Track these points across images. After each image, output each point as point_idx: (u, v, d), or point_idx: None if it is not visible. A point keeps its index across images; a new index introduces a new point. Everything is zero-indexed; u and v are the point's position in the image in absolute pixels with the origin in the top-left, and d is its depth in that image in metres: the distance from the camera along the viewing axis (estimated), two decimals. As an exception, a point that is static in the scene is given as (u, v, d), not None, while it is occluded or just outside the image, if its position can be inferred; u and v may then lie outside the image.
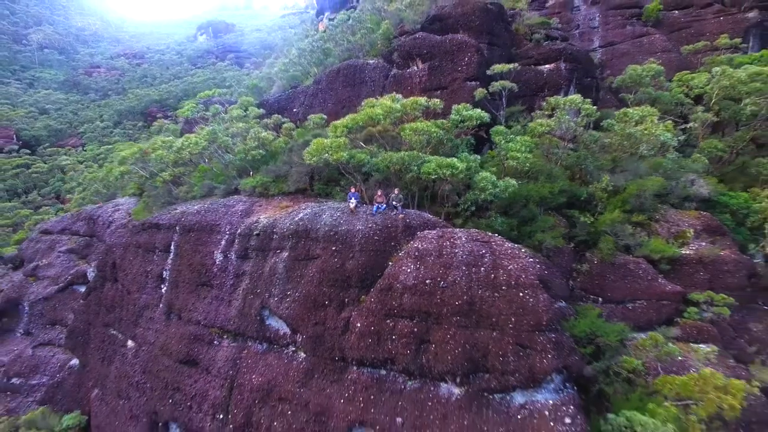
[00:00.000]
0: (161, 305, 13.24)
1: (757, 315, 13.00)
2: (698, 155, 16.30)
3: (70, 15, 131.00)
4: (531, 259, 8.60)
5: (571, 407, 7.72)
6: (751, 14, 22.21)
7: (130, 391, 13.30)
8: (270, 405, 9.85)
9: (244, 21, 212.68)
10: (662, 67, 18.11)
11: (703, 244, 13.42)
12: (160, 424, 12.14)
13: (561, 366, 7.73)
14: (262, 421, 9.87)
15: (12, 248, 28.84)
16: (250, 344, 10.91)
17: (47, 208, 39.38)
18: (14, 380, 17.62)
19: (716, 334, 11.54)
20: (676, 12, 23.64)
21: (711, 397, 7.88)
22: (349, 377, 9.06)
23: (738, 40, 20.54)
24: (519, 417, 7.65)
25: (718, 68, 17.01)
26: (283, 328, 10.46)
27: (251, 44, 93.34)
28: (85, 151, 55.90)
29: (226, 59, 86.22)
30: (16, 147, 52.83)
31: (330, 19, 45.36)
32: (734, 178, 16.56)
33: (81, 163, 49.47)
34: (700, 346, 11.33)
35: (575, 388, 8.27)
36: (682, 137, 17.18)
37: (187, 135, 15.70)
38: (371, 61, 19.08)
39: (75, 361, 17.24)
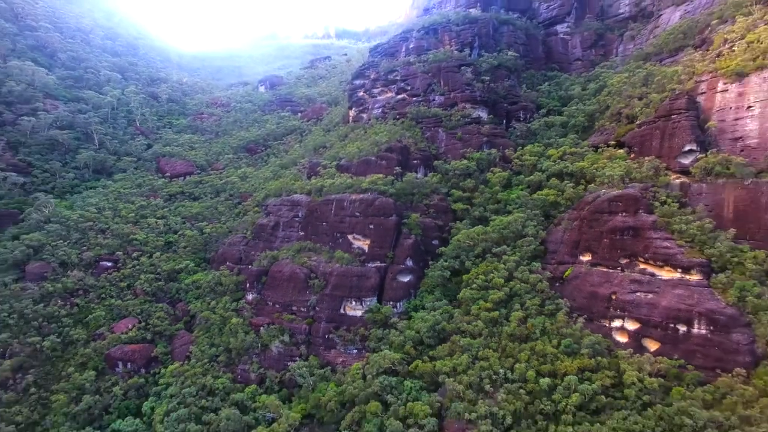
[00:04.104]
0: (331, 215, 70.92)
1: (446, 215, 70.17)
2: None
3: (155, 64, 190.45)
4: (391, 200, 66.09)
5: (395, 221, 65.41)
6: (485, 138, 78.95)
7: (328, 230, 71.15)
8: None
9: (275, 52, 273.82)
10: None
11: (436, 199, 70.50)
12: (335, 234, 69.92)
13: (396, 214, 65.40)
14: (355, 228, 67.92)
15: (252, 212, 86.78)
16: (352, 218, 69.01)
17: (237, 203, 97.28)
18: (279, 236, 75.61)
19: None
20: (467, 135, 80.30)
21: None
22: (369, 219, 67.22)
23: (475, 152, 77.20)
24: (390, 220, 65.61)
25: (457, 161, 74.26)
26: (358, 214, 68.48)
27: (300, 96, 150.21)
28: (228, 173, 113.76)
29: (285, 109, 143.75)
30: (198, 172, 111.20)
31: (356, 112, 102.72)
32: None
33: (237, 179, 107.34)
34: (430, 218, 68.65)
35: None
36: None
37: (333, 179, 73.04)
38: (372, 158, 76.60)
39: (302, 233, 75.08)
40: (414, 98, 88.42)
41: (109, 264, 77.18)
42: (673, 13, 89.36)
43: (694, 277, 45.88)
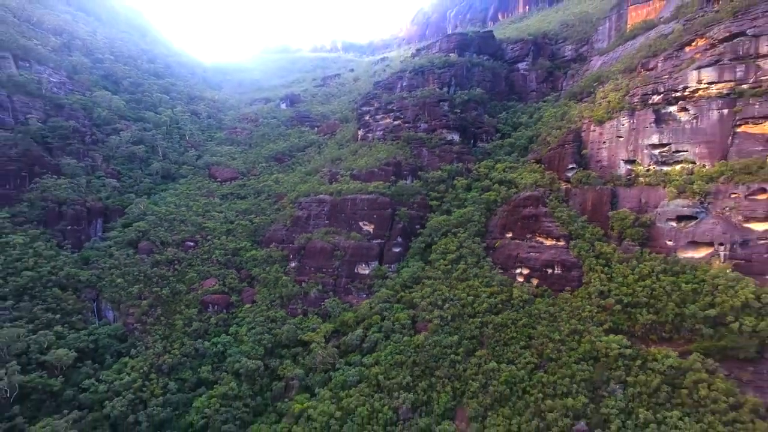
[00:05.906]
0: (348, 209, 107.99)
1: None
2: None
3: (188, 81, 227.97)
4: (388, 199, 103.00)
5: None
6: (455, 155, 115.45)
7: (345, 219, 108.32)
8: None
9: (288, 65, 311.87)
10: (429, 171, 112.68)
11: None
12: (350, 221, 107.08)
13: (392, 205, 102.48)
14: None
15: (288, 207, 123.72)
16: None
17: (274, 201, 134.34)
18: (311, 224, 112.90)
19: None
20: (442, 153, 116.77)
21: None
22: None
23: (447, 166, 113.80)
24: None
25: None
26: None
27: (316, 113, 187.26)
28: (264, 178, 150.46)
29: (304, 124, 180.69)
30: (241, 177, 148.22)
31: (363, 132, 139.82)
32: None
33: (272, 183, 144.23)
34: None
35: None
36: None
37: (348, 184, 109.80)
38: (375, 169, 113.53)
39: (327, 221, 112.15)
40: (406, 124, 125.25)
41: (192, 243, 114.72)
42: (597, 60, 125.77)
43: (561, 243, 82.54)
